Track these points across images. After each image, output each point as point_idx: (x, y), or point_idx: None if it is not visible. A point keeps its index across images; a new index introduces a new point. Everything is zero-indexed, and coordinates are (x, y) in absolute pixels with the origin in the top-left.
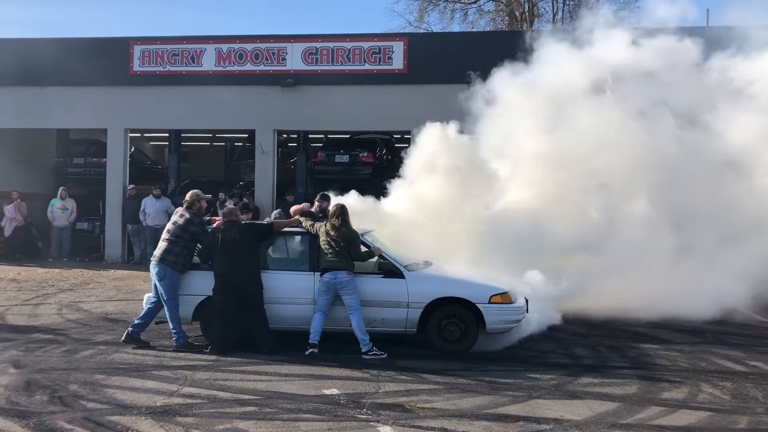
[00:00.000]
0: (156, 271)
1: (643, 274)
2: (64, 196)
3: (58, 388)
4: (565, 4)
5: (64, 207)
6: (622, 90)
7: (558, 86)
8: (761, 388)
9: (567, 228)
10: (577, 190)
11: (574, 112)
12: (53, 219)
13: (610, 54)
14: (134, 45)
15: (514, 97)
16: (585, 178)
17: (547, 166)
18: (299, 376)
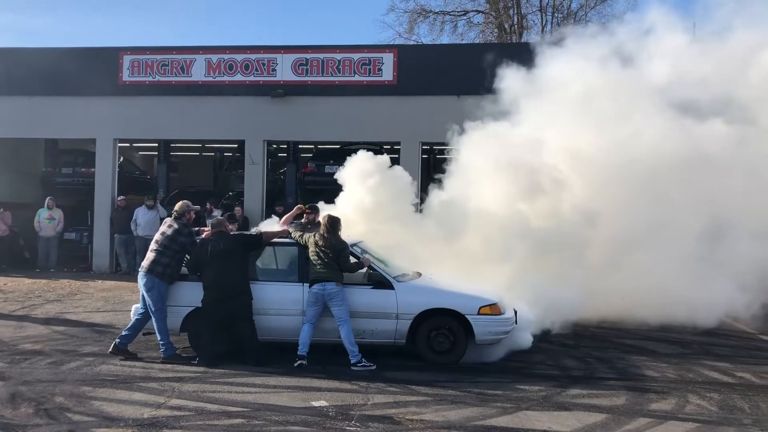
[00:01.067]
0: (144, 282)
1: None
2: (51, 206)
3: (43, 400)
4: (554, 17)
5: (51, 217)
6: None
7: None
8: (748, 399)
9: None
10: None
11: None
12: (40, 229)
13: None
14: (123, 55)
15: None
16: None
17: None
18: (287, 388)
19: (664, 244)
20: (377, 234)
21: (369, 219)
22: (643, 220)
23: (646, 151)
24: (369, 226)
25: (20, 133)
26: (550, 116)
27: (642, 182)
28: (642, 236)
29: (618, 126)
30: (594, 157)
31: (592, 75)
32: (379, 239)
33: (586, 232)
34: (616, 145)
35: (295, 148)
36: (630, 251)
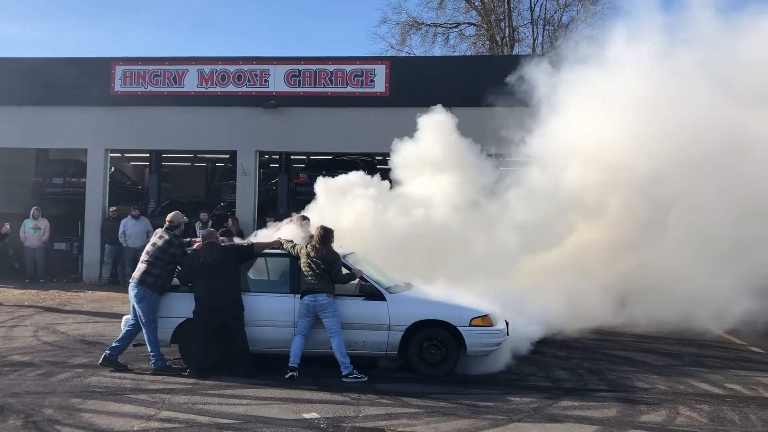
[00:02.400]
0: (135, 293)
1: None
2: (36, 215)
3: (32, 412)
4: (545, 30)
5: (37, 227)
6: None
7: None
8: (738, 411)
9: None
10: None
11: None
12: (25, 239)
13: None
14: (116, 65)
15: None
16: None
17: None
18: (279, 400)
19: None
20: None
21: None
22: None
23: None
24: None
25: (11, 143)
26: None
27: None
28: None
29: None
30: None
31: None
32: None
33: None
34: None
35: (287, 159)
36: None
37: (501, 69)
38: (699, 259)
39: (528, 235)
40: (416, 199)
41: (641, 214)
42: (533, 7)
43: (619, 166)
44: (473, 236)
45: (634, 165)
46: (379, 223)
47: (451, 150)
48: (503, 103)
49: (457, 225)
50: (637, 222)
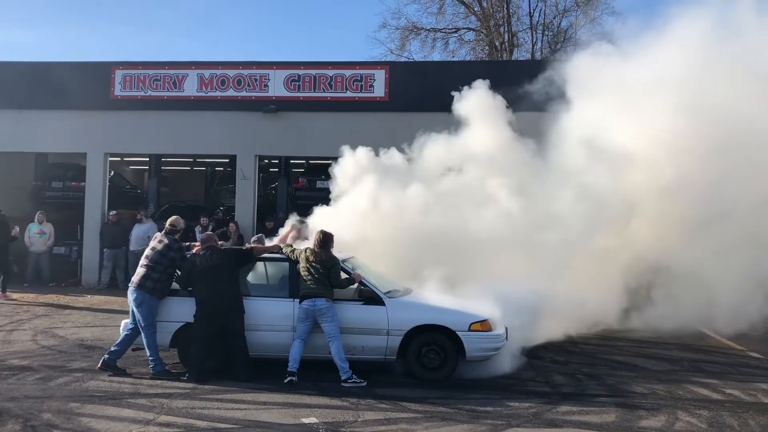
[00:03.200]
0: (134, 297)
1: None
2: (41, 220)
3: (30, 417)
4: (544, 35)
5: (42, 231)
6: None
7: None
8: (737, 416)
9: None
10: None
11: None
12: (30, 244)
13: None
14: (115, 69)
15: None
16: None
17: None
18: (277, 405)
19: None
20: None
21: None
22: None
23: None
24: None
25: (10, 147)
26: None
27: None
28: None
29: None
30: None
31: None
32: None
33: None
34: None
35: (286, 164)
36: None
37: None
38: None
39: (584, 233)
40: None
41: (694, 215)
42: (532, 12)
43: (673, 167)
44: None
45: (690, 166)
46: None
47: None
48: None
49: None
50: (687, 223)
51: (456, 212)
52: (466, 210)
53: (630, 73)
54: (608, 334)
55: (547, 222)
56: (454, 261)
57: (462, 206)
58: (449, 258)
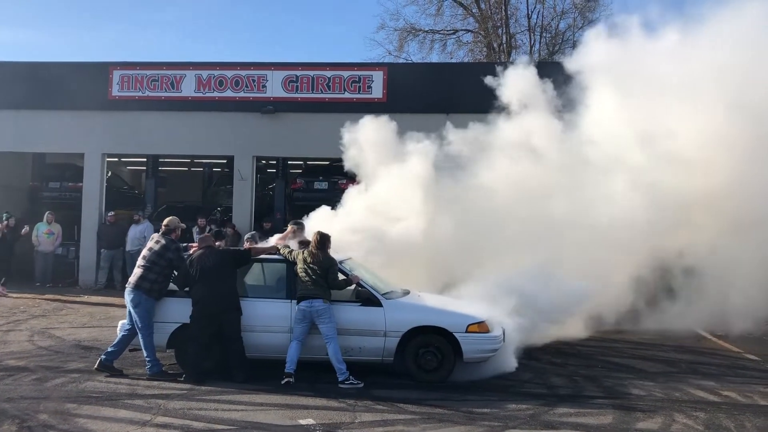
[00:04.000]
0: (131, 298)
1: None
2: (50, 220)
3: (27, 417)
4: (542, 37)
5: (50, 232)
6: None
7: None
8: (734, 418)
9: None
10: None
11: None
12: (38, 244)
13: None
14: (113, 70)
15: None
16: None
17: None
18: (275, 406)
19: None
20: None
21: None
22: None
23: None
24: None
25: (7, 147)
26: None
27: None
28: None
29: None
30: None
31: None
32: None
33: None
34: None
35: (284, 164)
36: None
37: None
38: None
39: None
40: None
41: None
42: (530, 14)
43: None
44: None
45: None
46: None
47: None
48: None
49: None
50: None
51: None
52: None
53: (674, 68)
54: (605, 335)
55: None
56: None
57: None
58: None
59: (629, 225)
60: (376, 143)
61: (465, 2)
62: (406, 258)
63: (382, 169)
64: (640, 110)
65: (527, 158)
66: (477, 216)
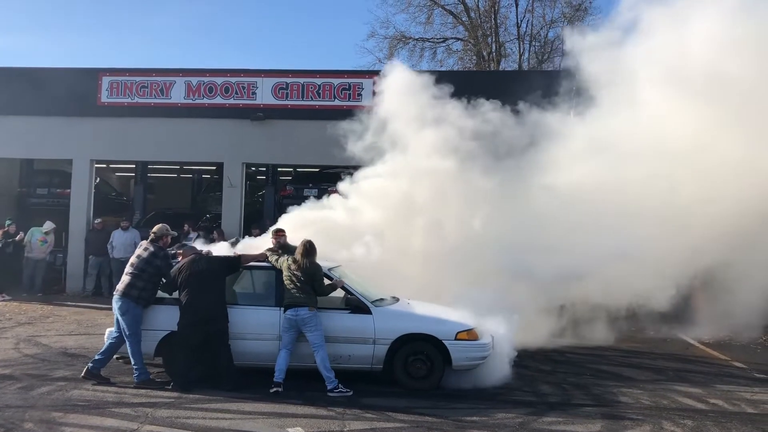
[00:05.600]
0: (119, 306)
1: None
2: (49, 230)
3: (12, 426)
4: (531, 46)
5: (44, 239)
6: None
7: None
8: (721, 425)
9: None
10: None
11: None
12: (30, 250)
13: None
14: (102, 76)
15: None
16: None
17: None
18: (263, 414)
19: None
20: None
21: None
22: None
23: None
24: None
25: None
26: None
27: None
28: None
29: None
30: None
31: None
32: None
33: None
34: None
35: (273, 171)
36: None
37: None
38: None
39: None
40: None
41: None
42: (520, 23)
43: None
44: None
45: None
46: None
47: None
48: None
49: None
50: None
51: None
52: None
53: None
54: (594, 343)
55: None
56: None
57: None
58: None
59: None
60: (406, 98)
61: (455, 11)
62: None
63: (411, 133)
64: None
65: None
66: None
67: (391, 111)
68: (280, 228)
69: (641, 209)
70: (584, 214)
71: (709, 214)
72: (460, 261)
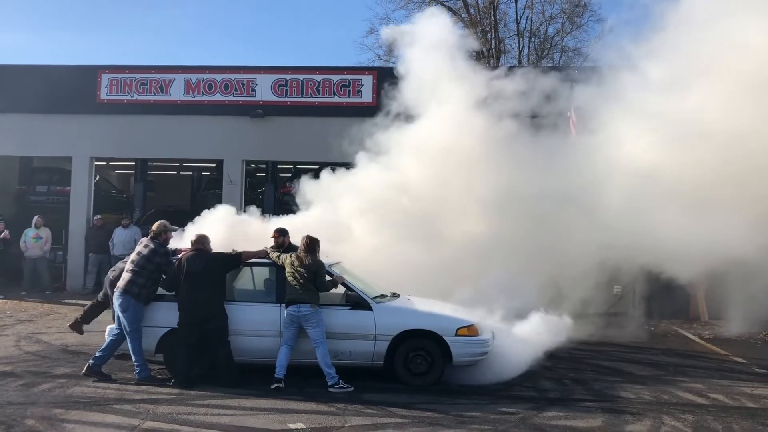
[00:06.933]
0: (119, 303)
1: None
2: (38, 224)
3: (13, 423)
4: (531, 42)
5: (38, 236)
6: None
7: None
8: (721, 420)
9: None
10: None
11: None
12: (26, 249)
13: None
14: (102, 73)
15: None
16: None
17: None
18: (264, 410)
19: None
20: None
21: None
22: None
23: None
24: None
25: None
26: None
27: None
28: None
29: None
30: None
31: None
32: None
33: None
34: None
35: (273, 168)
36: None
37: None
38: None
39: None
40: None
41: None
42: (519, 19)
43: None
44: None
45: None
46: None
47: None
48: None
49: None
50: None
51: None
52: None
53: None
54: (595, 338)
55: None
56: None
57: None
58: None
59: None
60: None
61: (454, 7)
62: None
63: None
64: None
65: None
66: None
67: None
68: (282, 228)
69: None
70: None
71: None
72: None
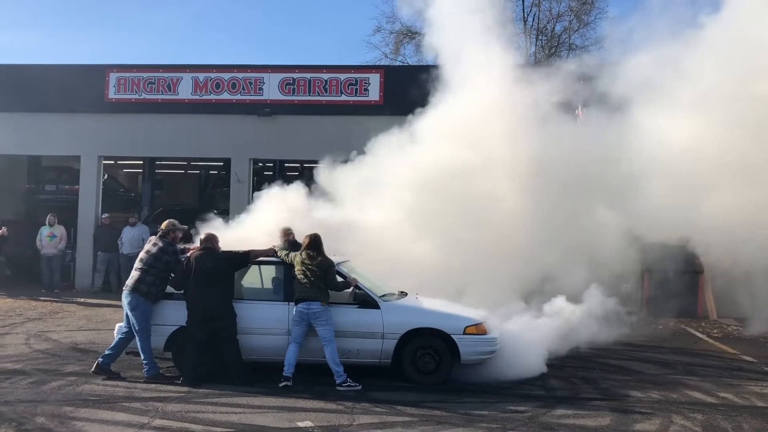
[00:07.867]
0: (128, 301)
1: None
2: (52, 222)
3: (24, 420)
4: (538, 40)
5: (53, 234)
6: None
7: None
8: (731, 419)
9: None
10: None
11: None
12: (42, 247)
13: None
14: (110, 72)
15: None
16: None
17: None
18: (272, 408)
19: None
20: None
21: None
22: None
23: None
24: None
25: (3, 150)
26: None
27: None
28: None
29: None
30: None
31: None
32: None
33: None
34: None
35: (281, 167)
36: None
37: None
38: None
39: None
40: None
41: None
42: (526, 17)
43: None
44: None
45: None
46: None
47: None
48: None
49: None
50: None
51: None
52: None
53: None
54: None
55: None
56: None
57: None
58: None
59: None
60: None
61: None
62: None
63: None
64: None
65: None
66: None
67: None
68: (288, 227)
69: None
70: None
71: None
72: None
